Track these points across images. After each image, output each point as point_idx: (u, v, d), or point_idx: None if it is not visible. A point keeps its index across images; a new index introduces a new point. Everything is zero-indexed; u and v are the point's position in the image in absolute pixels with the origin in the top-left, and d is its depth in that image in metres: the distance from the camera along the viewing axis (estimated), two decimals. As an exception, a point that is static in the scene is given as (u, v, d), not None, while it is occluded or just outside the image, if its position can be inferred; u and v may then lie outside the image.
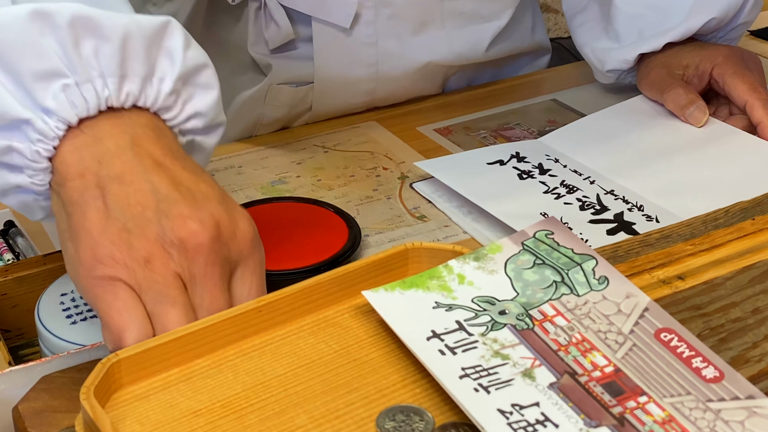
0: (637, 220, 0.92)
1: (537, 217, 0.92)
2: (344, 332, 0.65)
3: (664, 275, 0.75)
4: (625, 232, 0.90)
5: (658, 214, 0.93)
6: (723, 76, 1.05)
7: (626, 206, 0.94)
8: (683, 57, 1.09)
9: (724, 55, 1.06)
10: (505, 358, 0.62)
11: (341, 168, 1.06)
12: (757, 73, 1.07)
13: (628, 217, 0.93)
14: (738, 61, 1.06)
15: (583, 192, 0.97)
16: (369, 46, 1.11)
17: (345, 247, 0.88)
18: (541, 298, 0.67)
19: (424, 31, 1.13)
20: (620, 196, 0.96)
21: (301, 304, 0.66)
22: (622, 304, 0.66)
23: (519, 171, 1.01)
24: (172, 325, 0.61)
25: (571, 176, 0.99)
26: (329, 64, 1.10)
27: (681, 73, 1.08)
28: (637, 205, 0.94)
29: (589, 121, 1.11)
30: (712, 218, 0.82)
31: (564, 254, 0.70)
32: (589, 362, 0.62)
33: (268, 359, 0.63)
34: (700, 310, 0.71)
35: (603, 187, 0.98)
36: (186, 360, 0.61)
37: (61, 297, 0.76)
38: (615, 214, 0.93)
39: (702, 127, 1.05)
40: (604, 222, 0.92)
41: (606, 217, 0.93)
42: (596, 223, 0.92)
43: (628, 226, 0.91)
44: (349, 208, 0.98)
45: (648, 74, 1.11)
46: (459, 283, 0.68)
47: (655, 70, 1.10)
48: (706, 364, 0.62)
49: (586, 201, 0.95)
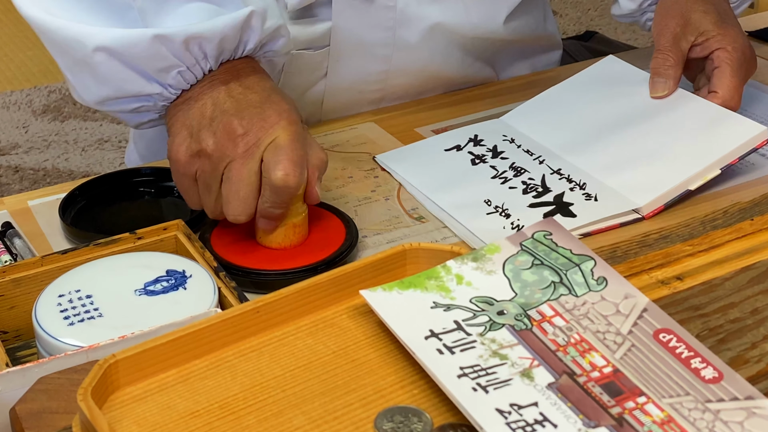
0: (576, 200, 0.94)
1: (481, 205, 0.94)
2: (342, 333, 0.65)
3: (663, 276, 0.75)
4: (561, 215, 0.92)
5: (598, 192, 0.94)
6: (721, 62, 1.05)
7: (569, 186, 0.96)
8: (704, 23, 1.08)
9: (735, 45, 1.06)
10: (503, 358, 0.62)
11: (339, 169, 1.06)
12: (747, 77, 1.07)
13: (568, 197, 0.95)
14: (741, 57, 1.06)
15: (529, 174, 0.99)
16: (388, 9, 1.12)
17: (342, 247, 0.88)
18: (539, 299, 0.67)
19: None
20: (565, 175, 0.98)
21: (299, 305, 0.66)
22: (621, 304, 0.66)
23: (473, 156, 1.04)
24: (208, 207, 0.86)
25: (522, 157, 1.02)
26: (347, 26, 1.11)
27: (693, 39, 1.08)
28: (580, 183, 0.96)
29: (552, 94, 1.13)
30: (711, 219, 0.82)
31: (562, 255, 0.70)
32: (587, 363, 0.62)
33: (266, 360, 0.62)
34: (699, 311, 0.71)
35: (551, 167, 1.00)
36: (183, 361, 0.61)
37: (58, 298, 0.75)
38: (555, 195, 0.95)
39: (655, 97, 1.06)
40: (543, 205, 0.94)
41: (546, 200, 0.95)
42: (535, 207, 0.94)
43: (566, 207, 0.93)
44: (348, 209, 0.98)
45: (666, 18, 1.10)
46: (457, 283, 0.68)
47: (674, 20, 1.09)
48: (705, 364, 0.62)
49: (531, 183, 0.97)
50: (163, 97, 0.89)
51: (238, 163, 0.83)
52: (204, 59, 0.87)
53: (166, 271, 0.78)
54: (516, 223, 0.91)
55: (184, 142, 0.86)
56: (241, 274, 0.85)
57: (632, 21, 1.23)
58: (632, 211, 0.92)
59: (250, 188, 0.83)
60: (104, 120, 2.87)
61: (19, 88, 3.08)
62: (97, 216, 0.95)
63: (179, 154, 0.86)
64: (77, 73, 0.90)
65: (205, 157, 0.84)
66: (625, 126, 1.03)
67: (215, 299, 0.75)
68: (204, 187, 0.86)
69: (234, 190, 0.83)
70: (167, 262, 0.80)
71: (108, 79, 0.88)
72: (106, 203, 0.97)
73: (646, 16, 1.20)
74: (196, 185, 0.87)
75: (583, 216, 0.91)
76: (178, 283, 0.77)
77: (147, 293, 0.76)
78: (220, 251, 0.87)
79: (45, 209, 0.97)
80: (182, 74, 0.87)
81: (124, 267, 0.79)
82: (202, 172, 0.85)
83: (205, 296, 0.76)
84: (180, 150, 0.86)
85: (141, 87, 0.88)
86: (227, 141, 0.83)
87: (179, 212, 0.95)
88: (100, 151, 2.73)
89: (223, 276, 0.79)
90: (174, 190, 0.97)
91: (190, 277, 0.78)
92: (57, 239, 0.93)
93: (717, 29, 1.07)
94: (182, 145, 0.86)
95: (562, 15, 3.71)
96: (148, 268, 0.79)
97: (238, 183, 0.83)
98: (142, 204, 0.98)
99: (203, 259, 0.81)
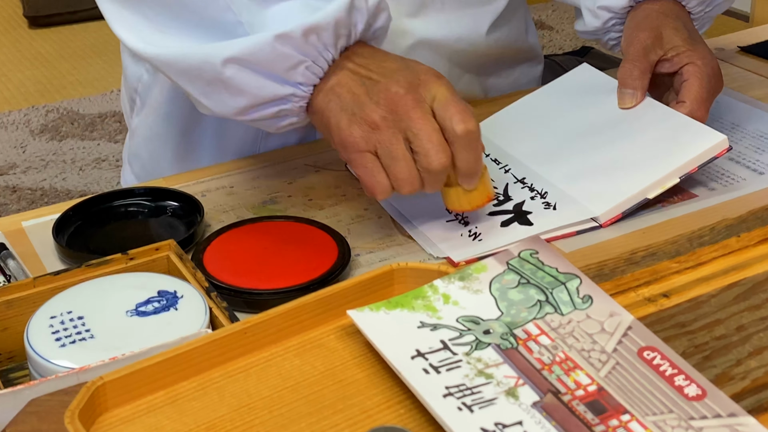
0: (535, 209, 0.95)
1: (442, 212, 0.95)
2: (330, 353, 0.66)
3: (650, 293, 0.75)
4: (519, 223, 0.93)
5: (558, 201, 0.95)
6: (690, 76, 1.06)
7: (530, 194, 0.97)
8: (675, 38, 1.09)
9: (704, 61, 1.07)
10: (488, 377, 0.62)
11: (332, 187, 1.07)
12: (715, 93, 1.08)
13: (528, 206, 0.95)
14: (711, 73, 1.07)
15: (493, 183, 0.99)
16: None
17: (334, 266, 0.88)
18: (525, 318, 0.67)
19: (424, 12, 1.15)
20: (528, 184, 0.99)
21: (286, 326, 0.66)
22: (606, 322, 0.66)
23: None
24: (401, 176, 0.85)
25: (488, 166, 1.03)
26: None
27: (662, 53, 1.09)
28: (541, 192, 0.97)
29: (524, 103, 1.14)
30: (698, 236, 0.82)
31: (548, 273, 0.70)
32: (572, 381, 0.62)
33: (253, 381, 0.63)
34: (685, 328, 0.72)
35: (515, 175, 1.01)
36: (172, 383, 0.62)
37: (50, 320, 0.76)
38: (515, 204, 0.96)
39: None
40: (502, 213, 0.95)
41: (505, 208, 0.96)
42: (494, 215, 0.95)
43: (524, 216, 0.94)
44: (340, 227, 0.98)
45: (637, 30, 1.11)
46: (444, 302, 0.68)
47: (645, 32, 1.10)
48: (689, 382, 0.62)
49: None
50: (297, 97, 0.90)
51: (416, 118, 0.85)
52: (325, 49, 0.89)
53: (157, 292, 0.79)
54: (473, 230, 0.92)
55: (350, 125, 0.86)
56: (233, 293, 0.85)
57: (595, 38, 1.24)
58: (590, 219, 0.93)
59: (439, 133, 0.85)
60: (102, 139, 2.88)
61: (17, 108, 3.09)
62: (90, 236, 0.96)
63: (352, 137, 0.86)
64: (211, 94, 0.91)
65: (379, 129, 0.85)
66: (592, 134, 1.05)
67: (206, 320, 0.76)
68: (389, 158, 0.86)
69: (427, 140, 0.84)
70: (159, 282, 0.80)
71: (242, 90, 0.89)
72: (99, 223, 0.98)
73: (609, 35, 1.21)
74: (378, 163, 0.86)
75: (539, 225, 0.92)
76: (170, 304, 0.78)
77: (138, 314, 0.77)
78: (213, 271, 0.88)
79: (39, 230, 0.98)
80: (309, 69, 0.89)
81: (115, 288, 0.80)
82: (381, 143, 0.85)
83: (197, 317, 0.76)
84: (350, 133, 0.86)
85: (275, 90, 0.89)
86: (395, 104, 0.85)
87: (173, 232, 0.95)
88: (98, 170, 2.74)
89: (214, 296, 0.79)
90: (167, 210, 0.98)
91: (181, 297, 0.78)
92: (51, 260, 0.93)
93: (687, 45, 1.08)
94: (349, 128, 0.86)
95: (559, 30, 3.72)
96: (140, 289, 0.79)
97: (427, 133, 0.84)
98: (136, 224, 0.99)
99: (195, 279, 0.82)
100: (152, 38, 0.92)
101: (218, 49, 0.88)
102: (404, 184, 0.86)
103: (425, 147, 0.84)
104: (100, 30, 3.70)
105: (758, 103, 1.21)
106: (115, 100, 3.12)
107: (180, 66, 0.91)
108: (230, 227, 0.94)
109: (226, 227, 0.94)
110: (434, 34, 1.17)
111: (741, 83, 1.27)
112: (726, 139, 0.96)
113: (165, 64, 0.92)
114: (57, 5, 3.71)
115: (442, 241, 0.92)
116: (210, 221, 0.99)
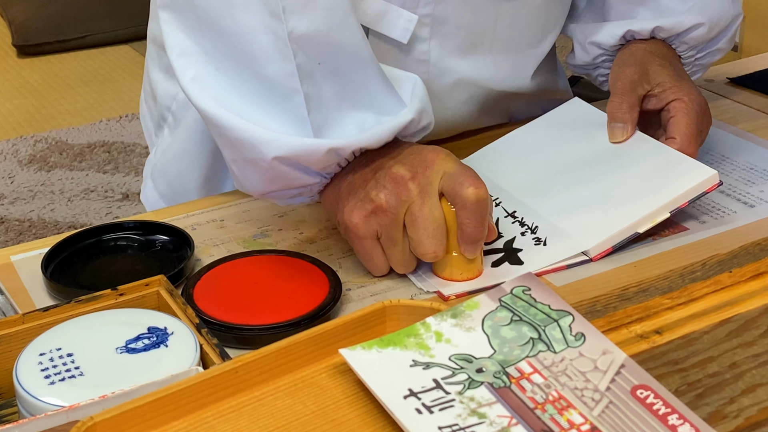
0: (525, 246, 0.95)
1: None
2: (322, 392, 0.65)
3: (642, 330, 0.75)
4: (509, 263, 0.93)
5: (549, 236, 0.95)
6: (677, 112, 1.07)
7: (521, 230, 0.97)
8: (661, 75, 1.10)
9: (691, 97, 1.07)
10: (481, 416, 0.62)
11: (323, 221, 1.06)
12: (705, 131, 1.09)
13: (518, 242, 0.95)
14: (698, 109, 1.07)
15: None
16: (421, 62, 1.13)
17: (325, 301, 0.88)
18: (518, 356, 0.67)
19: (472, 54, 1.15)
20: (519, 218, 0.99)
21: (278, 364, 0.66)
22: (599, 360, 0.66)
23: None
24: (396, 260, 0.89)
25: None
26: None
27: (649, 88, 1.10)
28: (531, 227, 0.97)
29: (515, 136, 1.14)
30: (690, 271, 0.82)
31: (541, 310, 0.70)
32: (565, 420, 0.62)
33: (245, 421, 0.63)
34: (678, 365, 0.72)
35: (506, 209, 1.01)
36: (162, 422, 0.61)
37: (39, 357, 0.75)
38: (506, 241, 0.96)
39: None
40: (494, 252, 0.95)
41: (496, 247, 0.96)
42: (485, 254, 0.94)
43: (515, 254, 0.94)
44: (332, 261, 0.98)
45: (624, 66, 1.12)
46: (436, 340, 0.68)
47: (631, 68, 1.11)
48: (682, 421, 0.62)
49: None
50: (320, 185, 0.94)
51: (417, 204, 0.87)
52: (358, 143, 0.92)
53: (147, 329, 0.79)
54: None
55: (355, 207, 0.89)
56: (223, 329, 0.85)
57: (585, 73, 1.25)
58: (581, 253, 0.93)
59: (437, 224, 0.87)
60: (90, 170, 2.87)
61: (5, 138, 3.09)
62: (80, 270, 0.95)
63: (354, 218, 0.89)
64: (244, 168, 0.93)
65: (381, 212, 0.88)
66: (583, 168, 1.05)
67: (197, 357, 0.75)
68: (388, 241, 0.89)
69: (422, 229, 0.86)
70: (149, 318, 0.80)
71: (276, 180, 0.92)
72: (89, 258, 0.97)
73: (598, 71, 1.22)
74: (378, 245, 0.90)
75: (530, 264, 0.92)
76: (160, 341, 0.77)
77: (128, 351, 0.76)
78: (203, 306, 0.87)
79: (28, 264, 0.97)
80: (339, 164, 0.92)
81: (105, 324, 0.79)
82: (382, 227, 0.88)
83: (187, 354, 0.76)
84: (353, 215, 0.89)
85: (304, 181, 0.92)
86: (399, 188, 0.87)
87: (163, 266, 0.95)
88: (87, 201, 2.73)
89: (205, 332, 0.79)
90: (157, 243, 0.97)
91: (171, 334, 0.78)
92: (40, 294, 0.93)
93: (673, 82, 1.09)
94: (354, 210, 0.89)
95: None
96: (130, 326, 0.79)
97: (424, 222, 0.86)
98: (125, 258, 0.98)
99: (185, 315, 0.81)
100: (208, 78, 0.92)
101: (271, 142, 0.89)
102: (399, 267, 0.90)
103: (419, 238, 0.87)
104: (90, 59, 3.71)
105: (748, 135, 1.21)
106: (104, 130, 3.11)
107: (225, 133, 0.91)
108: (220, 261, 0.93)
109: (216, 261, 0.93)
110: (479, 76, 1.17)
111: (731, 115, 1.27)
112: (716, 174, 0.96)
113: (211, 123, 0.92)
114: (46, 34, 3.71)
115: (432, 276, 0.92)
116: (200, 255, 0.98)
